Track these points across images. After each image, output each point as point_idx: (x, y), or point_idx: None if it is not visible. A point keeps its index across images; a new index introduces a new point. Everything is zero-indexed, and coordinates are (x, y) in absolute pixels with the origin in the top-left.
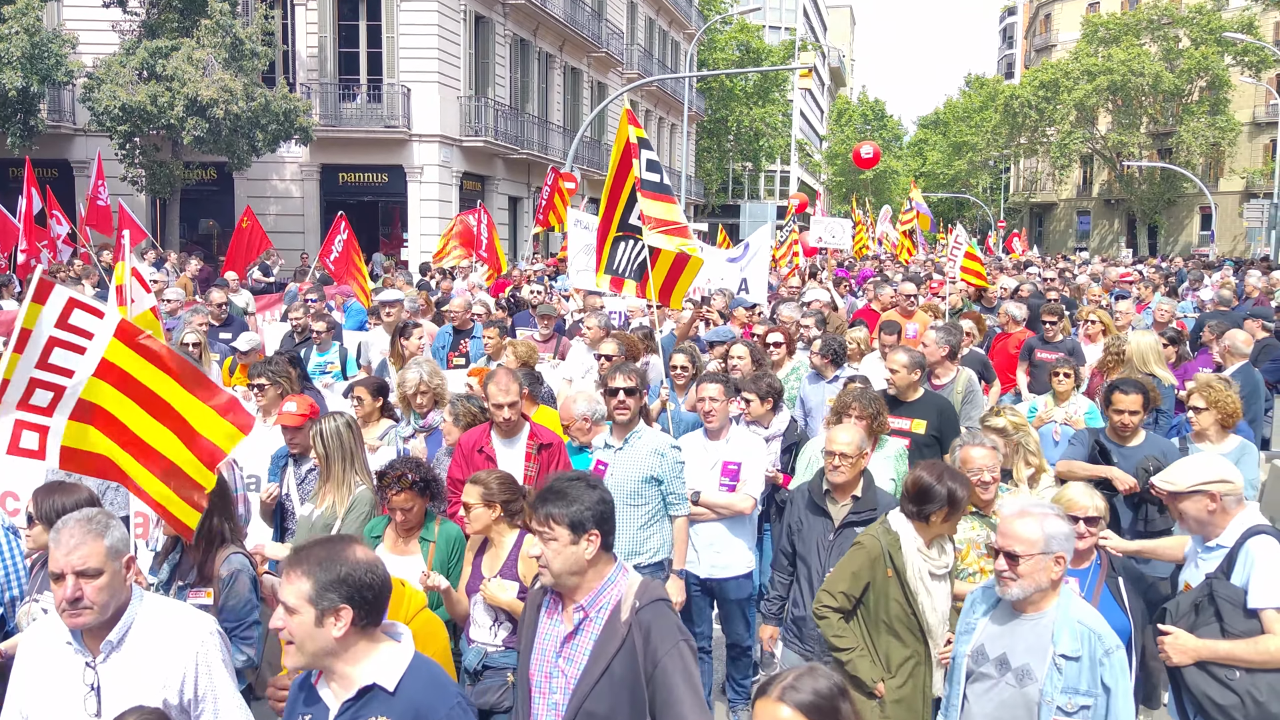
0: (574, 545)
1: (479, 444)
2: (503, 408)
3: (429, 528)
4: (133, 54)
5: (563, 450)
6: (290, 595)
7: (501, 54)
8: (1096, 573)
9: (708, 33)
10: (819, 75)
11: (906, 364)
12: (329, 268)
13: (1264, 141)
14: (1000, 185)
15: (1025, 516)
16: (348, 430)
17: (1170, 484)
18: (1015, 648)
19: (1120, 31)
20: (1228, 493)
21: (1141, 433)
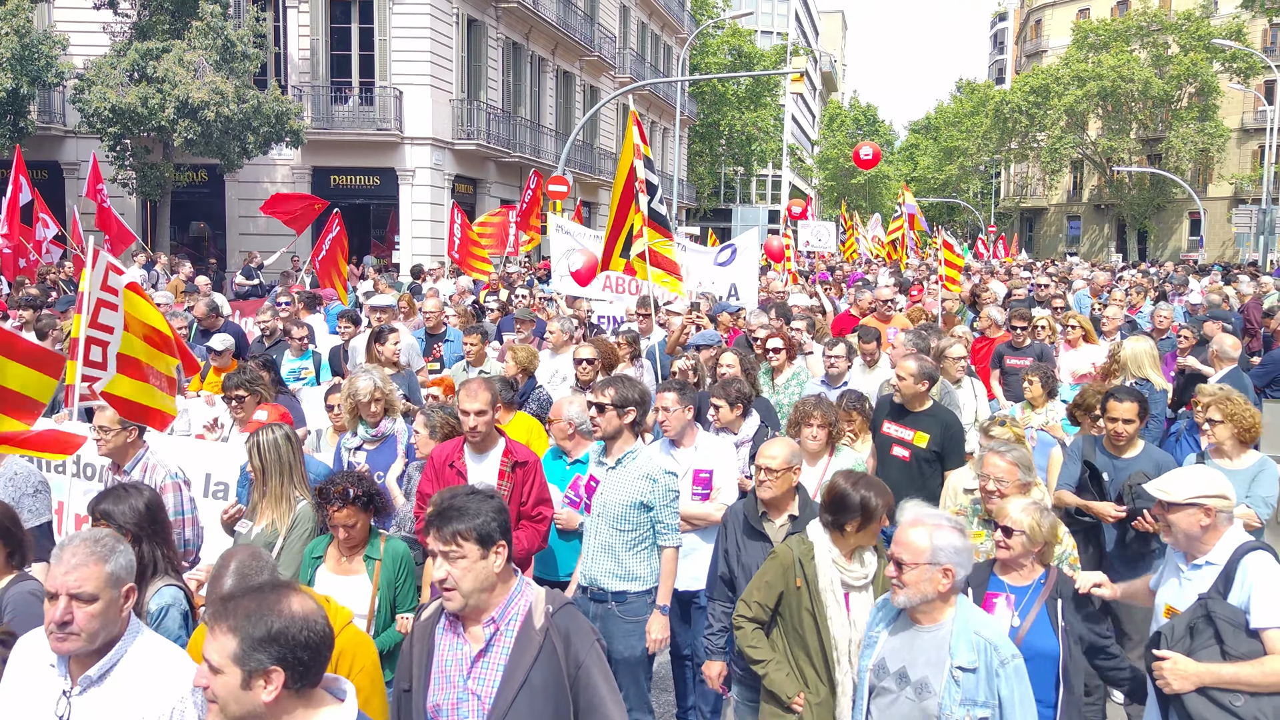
0: (484, 560)
1: (451, 458)
2: (469, 415)
3: (374, 545)
4: (123, 56)
5: (538, 470)
6: (214, 652)
7: (494, 57)
8: (1038, 591)
9: (700, 37)
10: (810, 80)
11: (915, 372)
12: (314, 266)
13: (1252, 147)
14: (991, 190)
15: (917, 525)
16: (286, 443)
17: (1165, 493)
18: (914, 661)
19: (1110, 38)
20: (1222, 508)
21: (1139, 443)
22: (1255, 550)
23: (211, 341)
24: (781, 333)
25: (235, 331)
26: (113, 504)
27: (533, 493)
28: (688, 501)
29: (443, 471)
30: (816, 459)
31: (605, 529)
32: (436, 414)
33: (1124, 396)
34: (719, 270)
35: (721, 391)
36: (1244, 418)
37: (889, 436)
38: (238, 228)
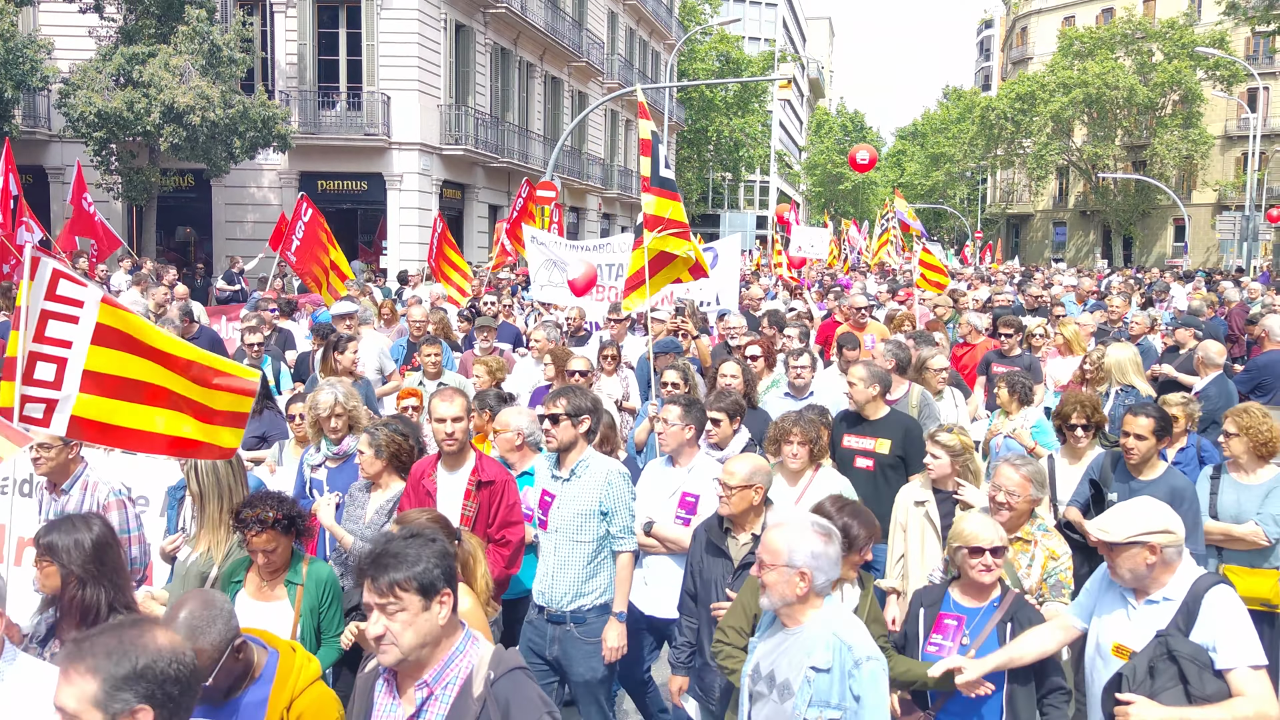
0: (427, 611)
1: (425, 473)
2: (444, 422)
3: (296, 569)
4: (109, 60)
5: (508, 489)
6: (70, 699)
7: (482, 63)
8: (992, 612)
9: (688, 43)
10: (798, 86)
11: (865, 377)
12: (289, 259)
13: (1235, 154)
14: (977, 196)
15: (779, 528)
16: (227, 467)
17: (1104, 532)
18: (780, 663)
19: (1095, 45)
20: (1169, 544)
21: (1159, 466)
22: (1216, 585)
23: None
24: (760, 339)
25: (211, 338)
26: (59, 537)
27: (499, 514)
28: (669, 524)
29: (417, 487)
30: (798, 478)
31: (564, 543)
32: (381, 431)
33: (1140, 411)
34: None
35: (718, 404)
36: (1260, 431)
37: (850, 449)
38: (224, 233)
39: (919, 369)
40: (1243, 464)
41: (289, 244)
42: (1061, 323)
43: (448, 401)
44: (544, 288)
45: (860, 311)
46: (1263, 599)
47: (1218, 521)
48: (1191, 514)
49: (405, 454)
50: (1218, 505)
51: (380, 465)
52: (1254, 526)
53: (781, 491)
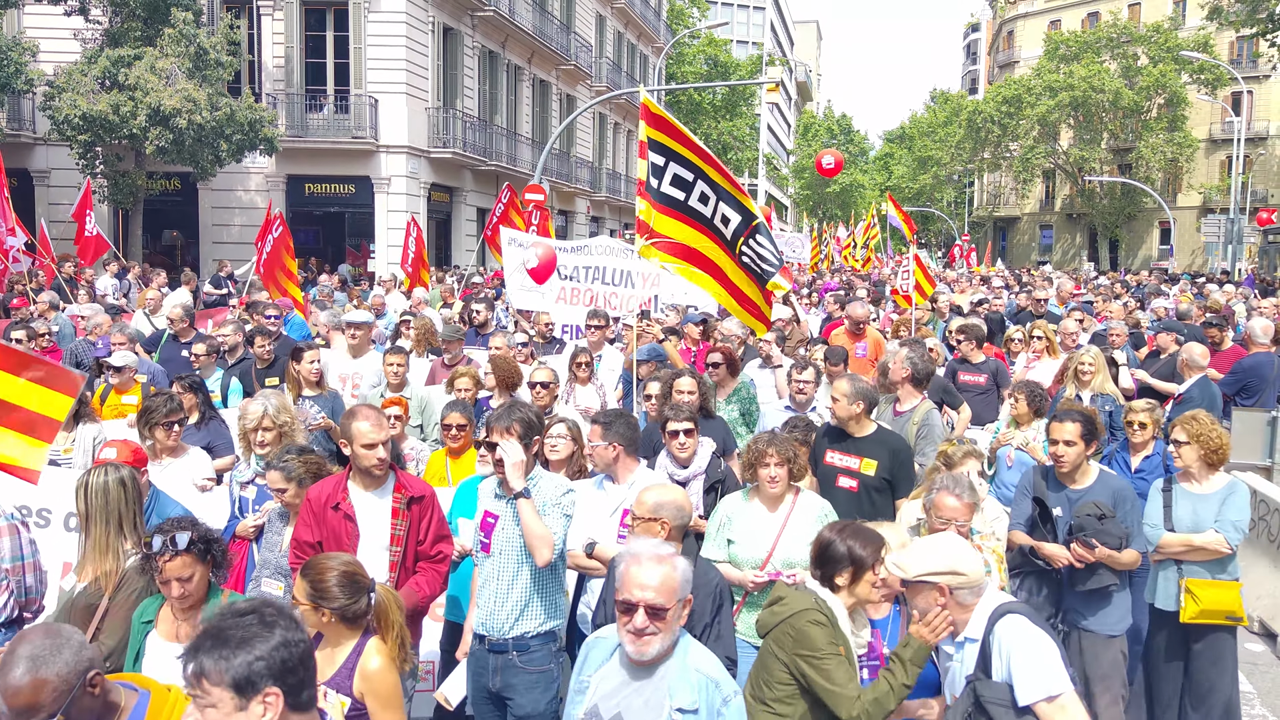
0: (242, 713)
1: (332, 499)
2: (375, 447)
3: (214, 603)
4: (94, 63)
5: (436, 503)
6: None
7: (470, 66)
8: (897, 620)
9: (676, 46)
10: (786, 90)
11: (849, 393)
12: (259, 270)
13: (1220, 158)
14: (964, 199)
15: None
16: (119, 487)
17: (900, 569)
18: (630, 705)
19: (1081, 49)
20: (960, 586)
21: (1091, 470)
22: (1005, 616)
23: (111, 358)
24: (722, 346)
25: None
26: None
27: (431, 530)
28: (612, 544)
29: (324, 515)
30: (777, 503)
31: (509, 566)
32: (293, 461)
33: (1065, 416)
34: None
35: (680, 416)
36: (1210, 438)
37: (833, 467)
38: (211, 236)
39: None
40: (1194, 473)
41: (259, 254)
42: (1040, 324)
43: (374, 424)
44: (517, 292)
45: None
46: (1228, 611)
47: (1176, 534)
48: (1135, 515)
49: (321, 472)
50: (1173, 517)
51: (294, 491)
52: (1215, 535)
53: (759, 521)
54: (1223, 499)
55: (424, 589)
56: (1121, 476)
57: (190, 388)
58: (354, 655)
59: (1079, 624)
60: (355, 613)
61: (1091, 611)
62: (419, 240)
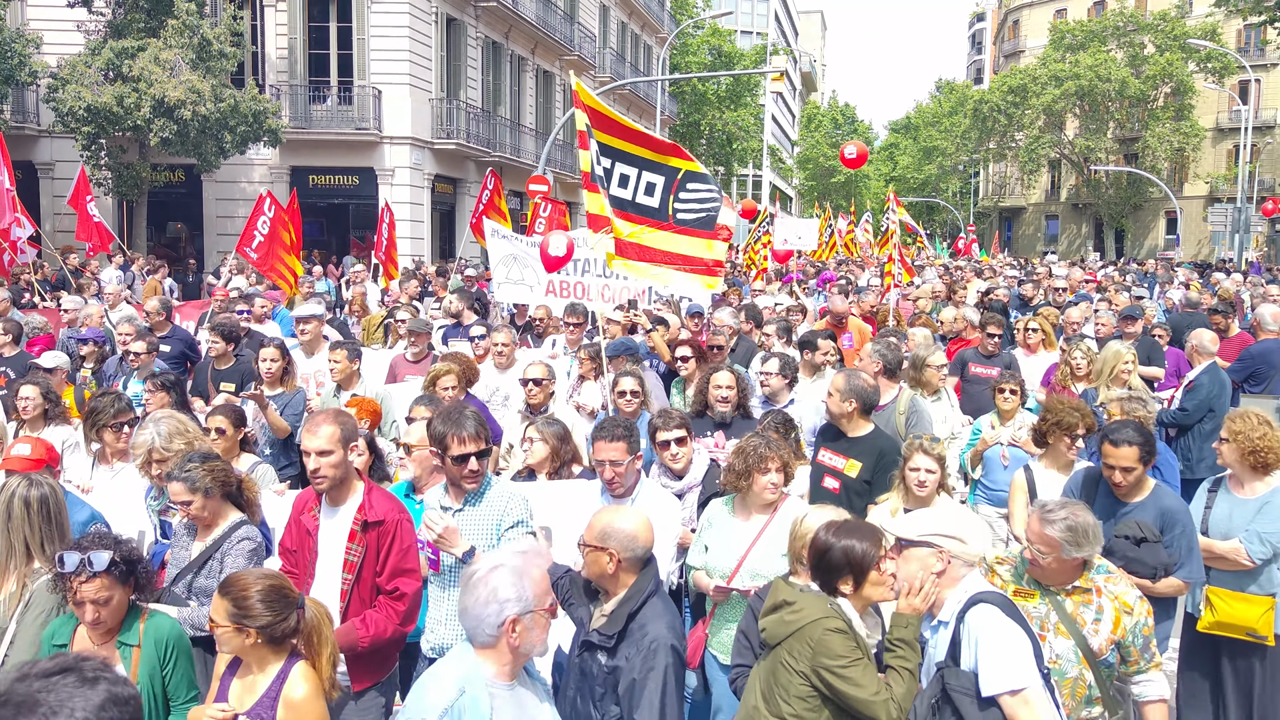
0: None
1: (306, 507)
2: (308, 456)
3: (131, 627)
4: (98, 54)
5: (401, 530)
6: None
7: (473, 56)
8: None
9: (680, 37)
10: (790, 80)
11: (842, 389)
12: (249, 257)
13: (1227, 147)
14: (970, 189)
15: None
16: (23, 507)
17: (902, 530)
18: None
19: (1087, 38)
20: (959, 554)
21: (1147, 485)
22: (977, 604)
23: (42, 359)
24: (690, 338)
25: (184, 337)
26: None
27: (390, 559)
28: None
29: (296, 525)
30: (763, 510)
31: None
32: (196, 470)
33: (1122, 440)
34: None
35: (670, 424)
36: (1250, 438)
37: (823, 466)
38: (215, 228)
39: (918, 368)
40: (1237, 475)
41: (249, 240)
42: (1041, 314)
43: (312, 433)
44: (503, 285)
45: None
46: (1248, 627)
47: (1206, 538)
48: (1185, 540)
49: (229, 477)
50: (1209, 520)
51: (214, 504)
52: (1236, 544)
53: (735, 528)
54: (1259, 507)
55: (368, 627)
56: (1178, 496)
57: (163, 386)
58: (277, 682)
59: None
60: (283, 632)
61: None
62: (391, 228)
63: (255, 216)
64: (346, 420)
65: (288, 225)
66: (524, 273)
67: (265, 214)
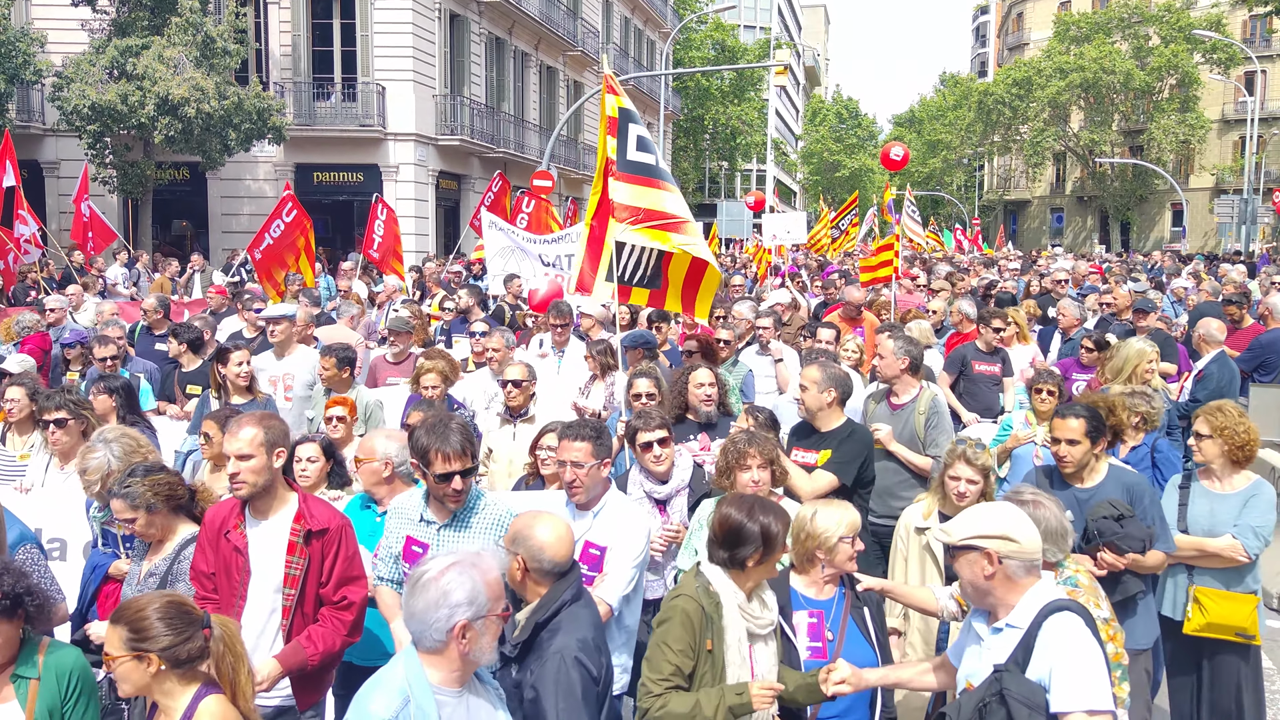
0: None
1: (226, 524)
2: (228, 459)
3: (28, 660)
4: (102, 53)
5: (345, 538)
6: None
7: (477, 52)
8: (843, 599)
9: (683, 31)
10: (794, 74)
11: (819, 380)
12: (253, 258)
13: (1233, 138)
14: (974, 183)
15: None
16: None
17: (946, 535)
18: None
19: (1091, 30)
20: (1011, 554)
21: (1101, 466)
22: (1060, 612)
23: (6, 363)
24: (698, 334)
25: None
26: None
27: (335, 570)
28: None
29: (218, 543)
30: None
31: None
32: (137, 484)
33: (1069, 412)
34: None
35: (650, 424)
36: (1236, 433)
37: (796, 464)
38: (220, 225)
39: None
40: (1215, 470)
41: (259, 242)
42: (1014, 311)
43: (233, 435)
44: (498, 278)
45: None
46: (1238, 627)
47: (1189, 536)
48: (1155, 510)
49: (179, 489)
50: (1188, 517)
51: (161, 519)
52: (1231, 540)
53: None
54: (1244, 500)
55: (316, 644)
56: (1134, 469)
57: (109, 390)
58: (189, 712)
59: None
60: (189, 654)
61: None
62: (389, 222)
63: (271, 219)
64: (273, 424)
65: (306, 230)
66: (520, 266)
67: (283, 218)
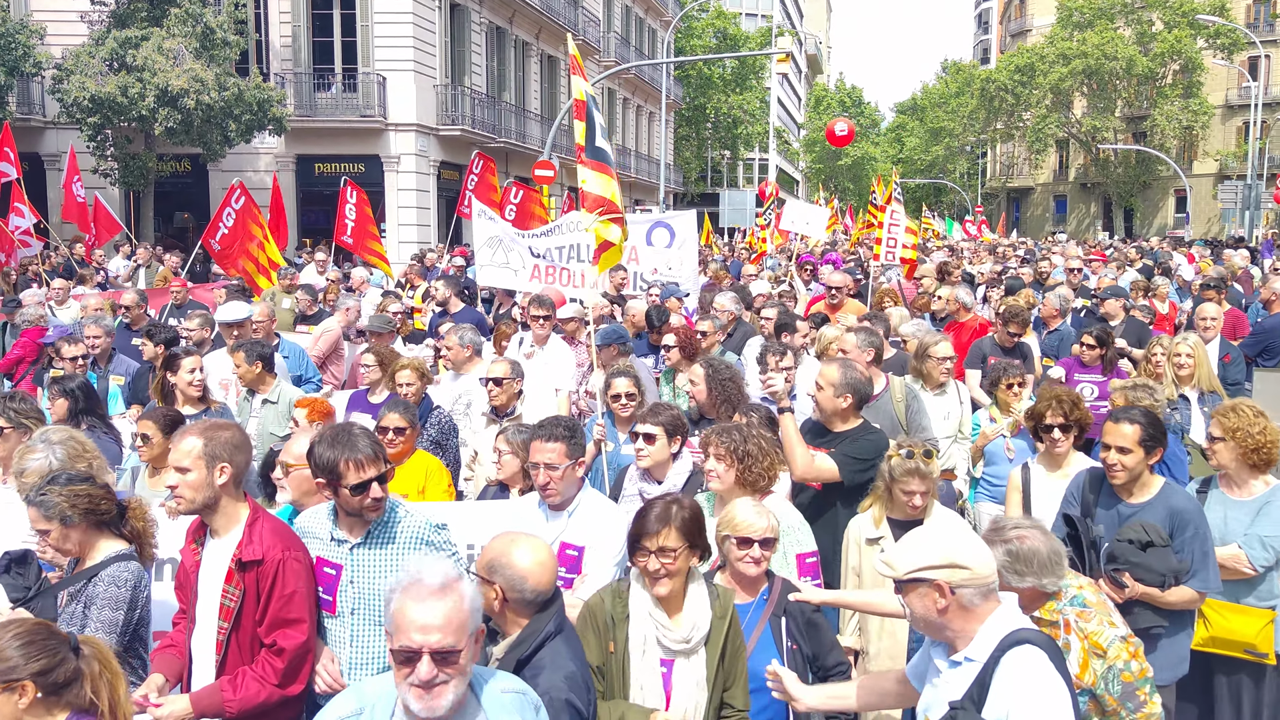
0: None
1: (191, 536)
2: (165, 473)
3: None
4: (102, 44)
5: (285, 572)
6: None
7: (477, 42)
8: (763, 606)
9: (684, 20)
10: (796, 62)
11: (836, 382)
12: (211, 249)
13: (1236, 124)
14: (977, 170)
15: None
16: None
17: (889, 567)
18: None
19: (1094, 15)
20: (964, 582)
21: (1154, 482)
22: (1020, 645)
23: None
24: (679, 328)
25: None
26: None
27: (270, 607)
28: None
29: (187, 556)
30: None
31: (364, 629)
32: (53, 494)
33: (1123, 416)
34: (652, 252)
35: (653, 418)
36: (1251, 435)
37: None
38: None
39: (920, 357)
40: (1231, 475)
41: (213, 233)
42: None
43: (175, 444)
44: (485, 268)
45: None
46: (1247, 643)
47: None
48: (1198, 544)
49: (103, 504)
50: None
51: (78, 534)
52: (1236, 550)
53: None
54: (1258, 508)
55: (235, 690)
56: (1191, 495)
57: (63, 392)
58: None
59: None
60: (65, 678)
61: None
62: (360, 205)
63: (222, 208)
64: (215, 435)
65: (257, 217)
66: (509, 255)
67: (232, 205)
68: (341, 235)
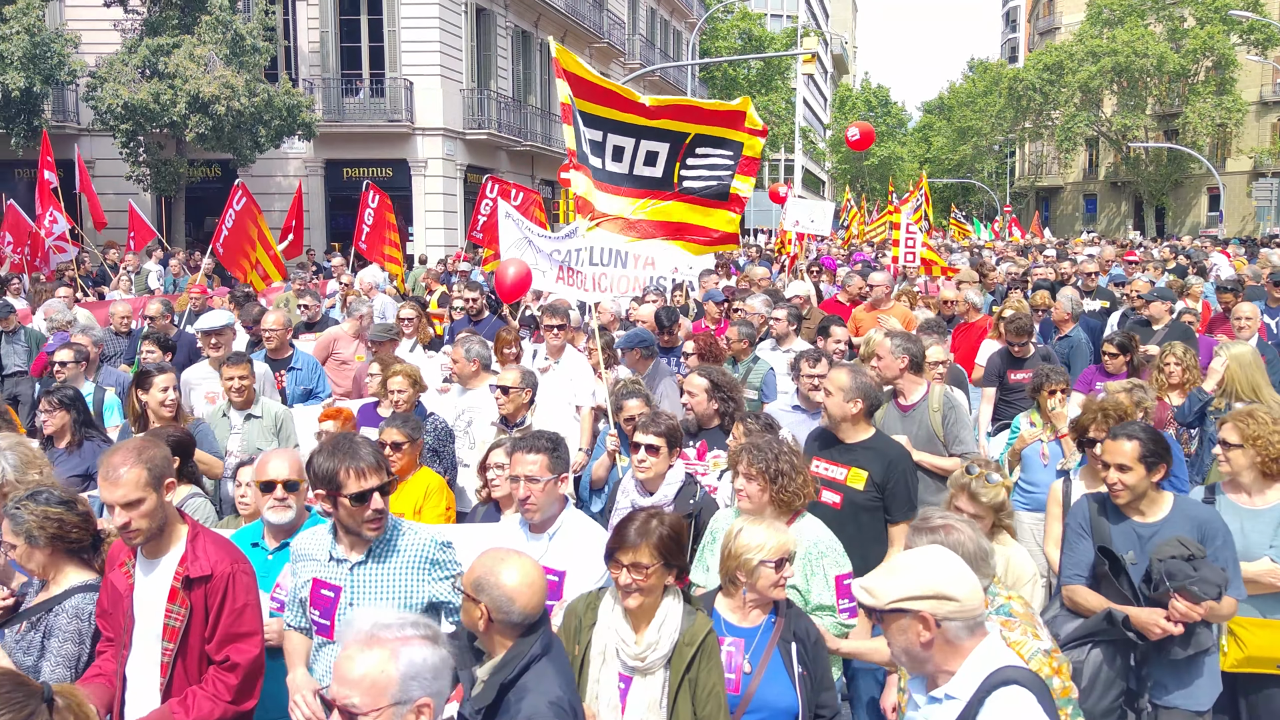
0: None
1: (117, 561)
2: (113, 510)
3: None
4: (134, 52)
5: (235, 586)
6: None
7: (503, 46)
8: (770, 629)
9: (709, 21)
10: (821, 62)
11: (846, 387)
12: (217, 251)
13: (1271, 120)
14: (1005, 170)
15: (372, 645)
16: None
17: (870, 595)
18: None
19: (1124, 12)
20: (950, 614)
21: (1163, 498)
22: (1008, 685)
23: None
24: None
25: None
26: None
27: (221, 623)
28: None
29: (118, 580)
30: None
31: None
32: (25, 511)
33: (1121, 432)
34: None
35: (652, 428)
36: (1271, 442)
37: (818, 477)
38: None
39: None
40: (1245, 483)
41: (218, 235)
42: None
43: (112, 482)
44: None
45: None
46: (1278, 660)
47: None
48: (1228, 551)
49: (74, 532)
50: None
51: (43, 557)
52: (1270, 564)
53: None
54: (1279, 519)
55: (188, 710)
56: (1204, 504)
57: (62, 404)
58: None
59: (1162, 699)
60: None
61: (1181, 684)
62: (380, 210)
63: (225, 210)
64: (152, 454)
65: (256, 217)
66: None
67: (234, 207)
68: (358, 240)
